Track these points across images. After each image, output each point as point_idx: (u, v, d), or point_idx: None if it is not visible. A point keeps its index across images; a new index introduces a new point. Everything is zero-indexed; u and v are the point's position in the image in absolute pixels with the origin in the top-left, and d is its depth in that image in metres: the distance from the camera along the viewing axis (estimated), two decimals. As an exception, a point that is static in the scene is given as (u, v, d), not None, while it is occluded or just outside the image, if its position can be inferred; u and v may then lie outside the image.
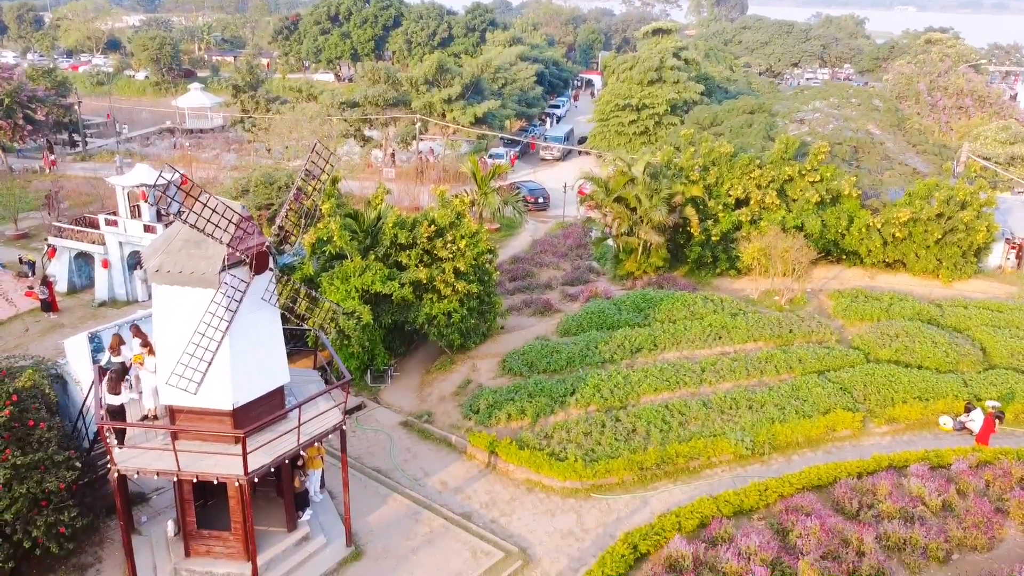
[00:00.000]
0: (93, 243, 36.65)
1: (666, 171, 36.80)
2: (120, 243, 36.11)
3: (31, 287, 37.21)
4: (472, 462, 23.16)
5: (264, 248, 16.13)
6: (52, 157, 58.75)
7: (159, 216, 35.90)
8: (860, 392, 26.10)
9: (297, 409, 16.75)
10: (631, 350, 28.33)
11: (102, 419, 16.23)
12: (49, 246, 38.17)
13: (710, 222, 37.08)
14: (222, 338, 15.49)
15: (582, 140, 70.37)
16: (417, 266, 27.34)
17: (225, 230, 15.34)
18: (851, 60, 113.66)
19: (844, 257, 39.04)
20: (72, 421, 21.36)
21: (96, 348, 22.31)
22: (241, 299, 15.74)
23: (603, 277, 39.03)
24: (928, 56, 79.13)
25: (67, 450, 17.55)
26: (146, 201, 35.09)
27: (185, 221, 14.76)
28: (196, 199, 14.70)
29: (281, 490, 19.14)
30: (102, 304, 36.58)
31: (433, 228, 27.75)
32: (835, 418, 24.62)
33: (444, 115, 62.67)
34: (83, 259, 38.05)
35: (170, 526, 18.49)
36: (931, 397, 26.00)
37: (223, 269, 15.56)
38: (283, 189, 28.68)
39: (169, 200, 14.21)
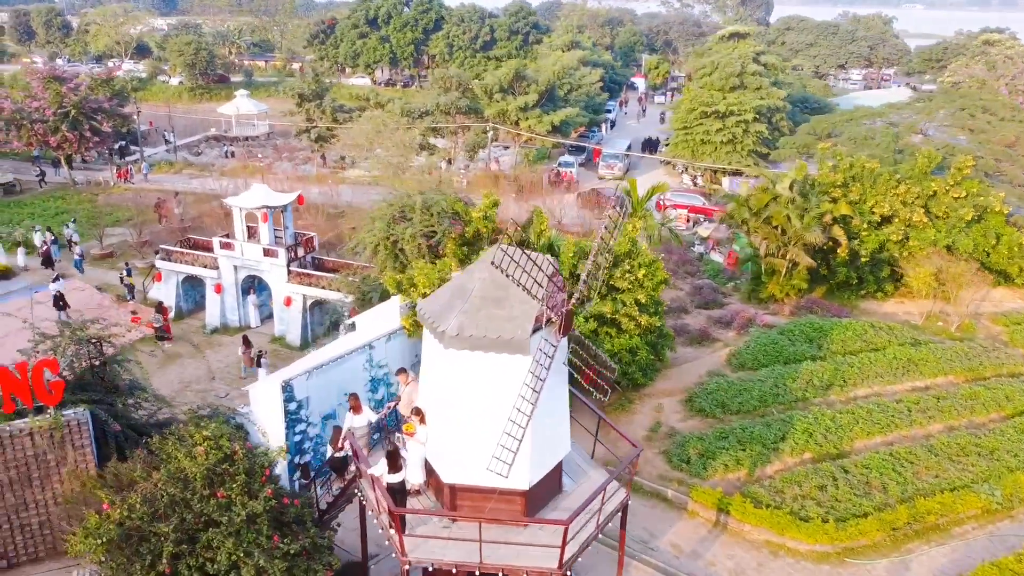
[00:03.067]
0: (205, 267, 34.58)
1: (810, 188, 34.74)
2: (235, 267, 34.05)
3: (135, 312, 35.08)
4: (695, 520, 21.10)
5: (570, 307, 14.03)
6: (123, 167, 56.69)
7: (276, 239, 33.89)
8: (1090, 435, 24.10)
9: (600, 491, 14.67)
10: (821, 387, 26.30)
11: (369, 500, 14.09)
12: (155, 269, 36.01)
13: (855, 241, 35.03)
14: (532, 411, 13.42)
15: (649, 143, 68.13)
16: (597, 299, 25.26)
17: (542, 285, 13.30)
18: (899, 62, 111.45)
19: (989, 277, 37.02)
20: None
21: (288, 398, 20.28)
22: (550, 365, 13.65)
23: (731, 297, 37.03)
24: (993, 58, 77.24)
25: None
26: (265, 223, 33.08)
27: (511, 276, 12.66)
28: (521, 248, 12.63)
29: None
30: (215, 331, 34.54)
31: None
32: (1077, 466, 22.61)
33: (517, 123, 60.57)
34: (190, 283, 35.95)
35: (423, 611, 16.41)
36: None
37: (535, 331, 13.51)
38: (442, 215, 26.45)
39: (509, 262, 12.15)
